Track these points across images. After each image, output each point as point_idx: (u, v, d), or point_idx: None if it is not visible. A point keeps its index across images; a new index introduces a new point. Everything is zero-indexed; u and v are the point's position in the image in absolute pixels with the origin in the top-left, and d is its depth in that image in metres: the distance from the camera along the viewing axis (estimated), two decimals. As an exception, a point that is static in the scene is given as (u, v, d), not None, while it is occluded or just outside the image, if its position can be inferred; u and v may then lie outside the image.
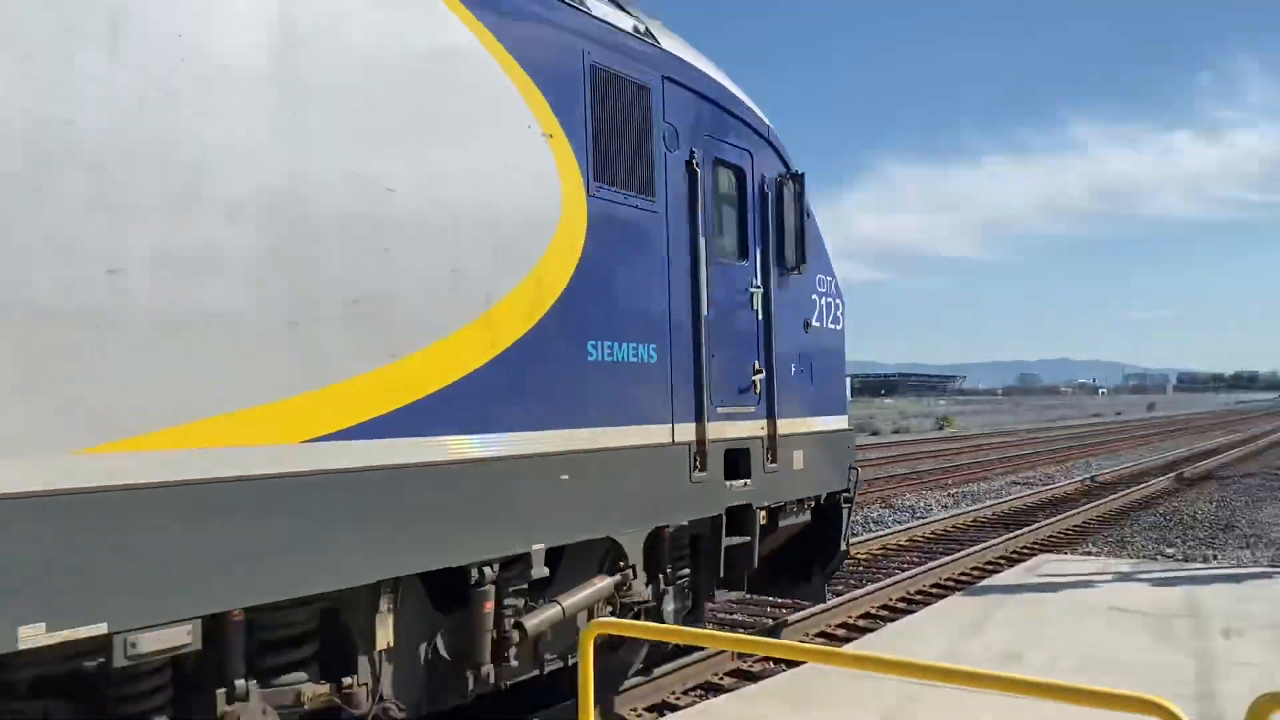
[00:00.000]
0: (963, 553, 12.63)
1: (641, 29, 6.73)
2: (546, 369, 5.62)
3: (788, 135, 8.46)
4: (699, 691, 7.77)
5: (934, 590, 11.34)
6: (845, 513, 8.74)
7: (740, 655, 8.28)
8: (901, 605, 10.64)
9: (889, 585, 11.02)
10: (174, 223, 3.88)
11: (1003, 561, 13.11)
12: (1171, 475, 24.89)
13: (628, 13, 6.72)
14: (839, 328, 9.04)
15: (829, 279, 8.88)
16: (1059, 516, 16.74)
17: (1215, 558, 12.49)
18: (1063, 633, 8.14)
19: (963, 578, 12.05)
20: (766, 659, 8.32)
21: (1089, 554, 13.26)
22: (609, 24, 6.36)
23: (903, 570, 11.98)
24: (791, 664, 7.52)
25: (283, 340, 4.24)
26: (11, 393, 3.41)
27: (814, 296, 8.58)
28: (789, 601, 9.81)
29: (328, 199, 4.45)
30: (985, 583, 10.51)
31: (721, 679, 8.03)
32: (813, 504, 8.41)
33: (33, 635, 3.40)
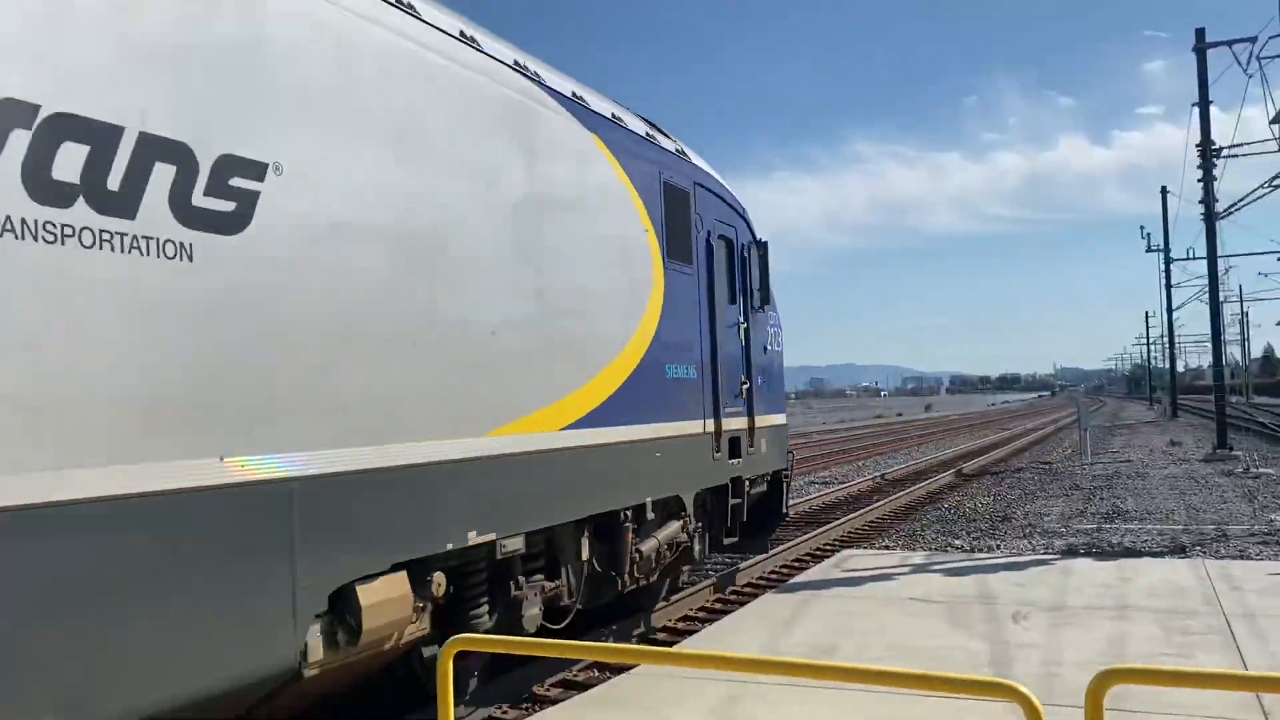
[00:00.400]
0: (772, 552, 13.07)
1: (682, 151, 9.92)
2: (648, 385, 8.46)
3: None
4: (525, 705, 7.71)
5: (748, 589, 11.69)
6: (785, 485, 12.03)
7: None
8: (719, 606, 10.91)
9: (705, 587, 11.29)
10: (517, 305, 6.82)
11: (809, 559, 13.68)
12: (952, 471, 26.68)
13: (673, 140, 9.92)
14: (780, 349, 12.27)
15: (775, 315, 11.99)
16: (856, 513, 17.63)
17: (998, 547, 13.46)
18: (870, 624, 8.57)
19: (774, 576, 12.49)
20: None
21: (887, 548, 14.02)
22: (669, 151, 9.50)
23: (716, 572, 12.29)
24: (620, 668, 7.57)
25: (549, 372, 7.10)
26: (461, 401, 6.11)
27: (769, 328, 11.75)
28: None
29: (562, 285, 7.36)
30: (795, 579, 10.93)
31: (575, 674, 8.08)
32: (769, 478, 11.53)
33: (472, 538, 6.14)
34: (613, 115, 8.53)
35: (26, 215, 3.74)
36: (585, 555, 7.78)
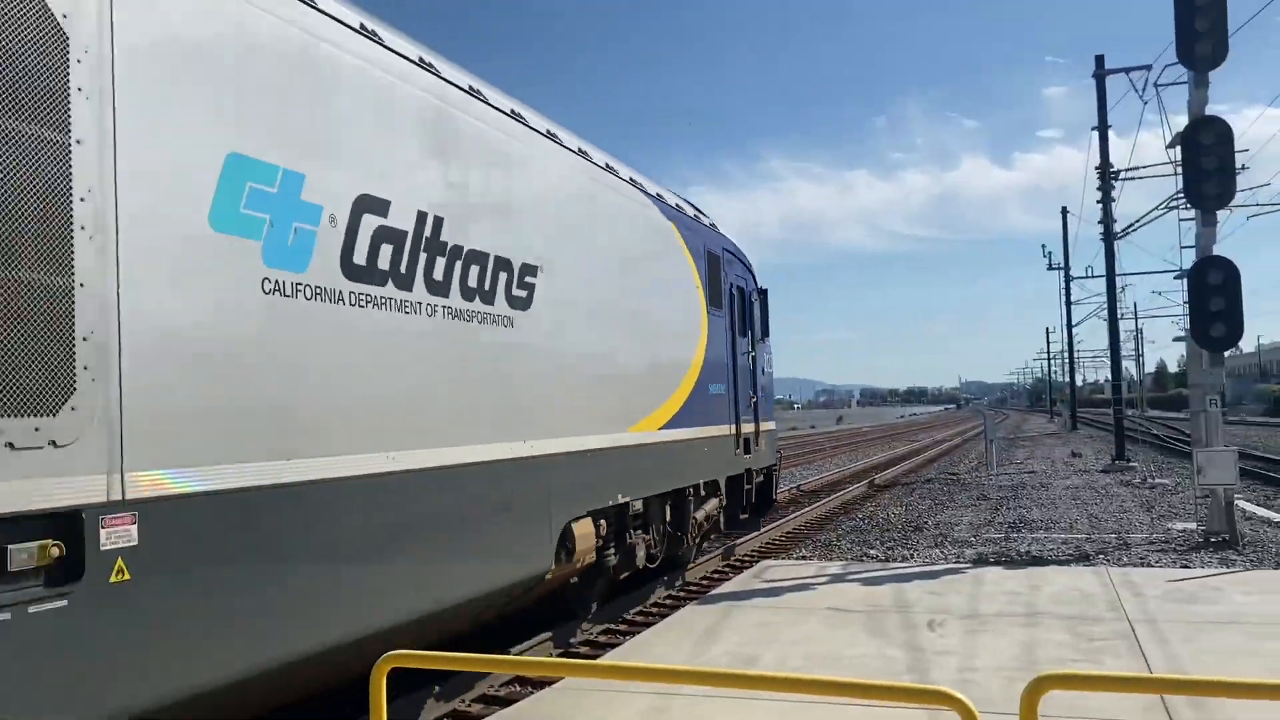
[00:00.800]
0: (692, 564, 13.12)
1: (714, 225, 13.51)
2: (699, 399, 11.66)
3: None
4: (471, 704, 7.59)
5: (668, 602, 11.71)
6: (775, 476, 15.46)
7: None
8: (640, 619, 10.91)
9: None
10: (640, 346, 10.15)
11: (729, 570, 13.76)
12: (865, 483, 27.15)
13: (707, 217, 13.39)
14: (772, 371, 15.97)
15: (769, 344, 15.46)
16: (774, 524, 17.80)
17: (912, 556, 13.73)
18: (791, 633, 8.65)
19: (694, 588, 12.53)
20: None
21: (805, 558, 14.19)
22: (707, 226, 12.96)
23: (637, 588, 12.27)
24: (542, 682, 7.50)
25: (653, 390, 10.33)
26: (616, 409, 9.35)
27: (766, 355, 15.13)
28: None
29: (659, 331, 10.68)
30: (716, 590, 10.99)
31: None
32: (765, 471, 14.76)
33: (619, 498, 9.27)
34: (677, 205, 12.05)
35: (464, 309, 6.98)
36: (667, 518, 11.09)
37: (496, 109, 7.77)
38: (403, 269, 6.28)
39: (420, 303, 6.48)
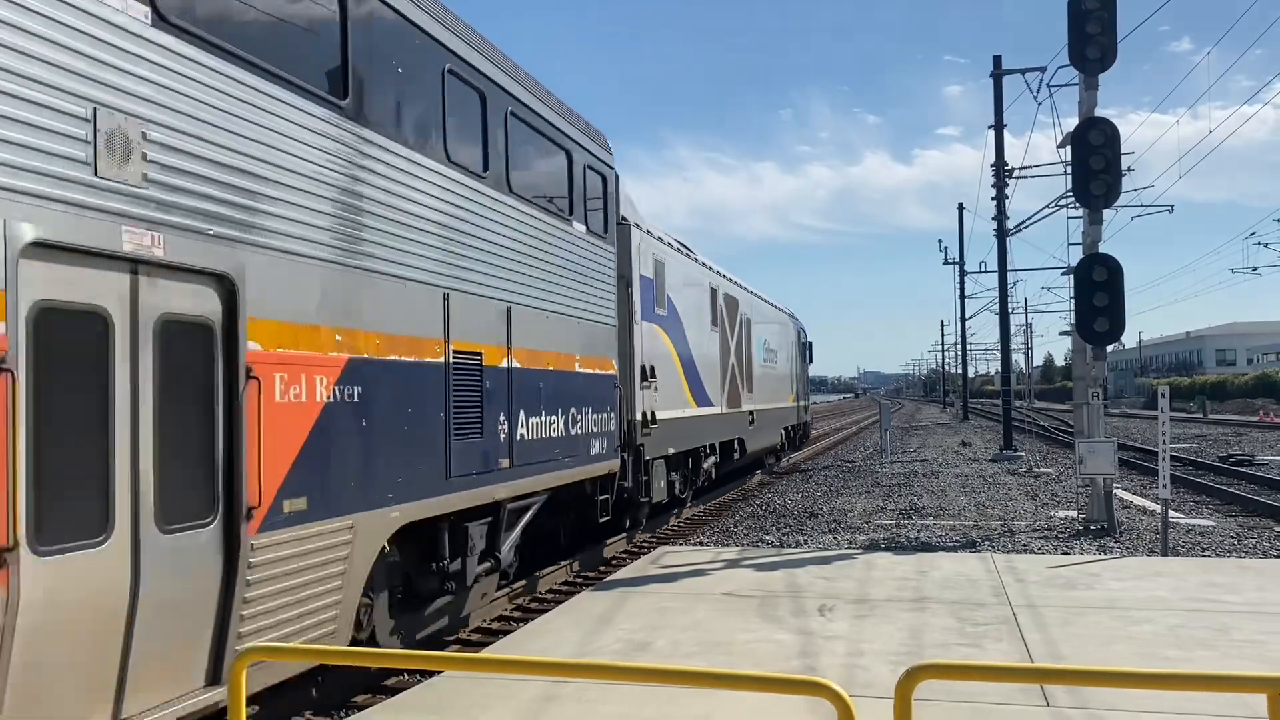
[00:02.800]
0: (591, 550, 13.07)
1: (793, 313, 33.10)
2: (801, 393, 33.28)
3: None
4: (336, 713, 7.39)
5: (564, 588, 11.64)
6: (808, 428, 36.81)
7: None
8: (535, 605, 10.81)
9: (519, 587, 11.16)
10: (784, 378, 29.99)
11: (626, 556, 13.75)
12: (761, 470, 27.50)
13: (796, 318, 33.87)
14: (808, 373, 36.73)
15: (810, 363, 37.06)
16: (673, 511, 17.87)
17: (806, 543, 13.93)
18: (684, 619, 8.67)
19: (591, 574, 12.48)
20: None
21: (701, 544, 14.27)
22: (789, 313, 31.86)
23: (533, 574, 12.17)
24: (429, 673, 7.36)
25: (785, 389, 30.89)
26: (768, 392, 26.19)
27: (808, 367, 36.14)
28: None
29: (784, 369, 30.10)
30: (612, 577, 10.95)
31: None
32: (804, 423, 34.82)
33: (724, 436, 20.63)
34: (791, 312, 30.57)
35: (768, 363, 26.94)
36: (787, 436, 29.69)
37: (738, 284, 22.37)
38: (745, 363, 22.81)
39: (748, 365, 23.26)
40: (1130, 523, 15.31)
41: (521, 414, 9.80)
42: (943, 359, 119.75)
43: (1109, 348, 14.31)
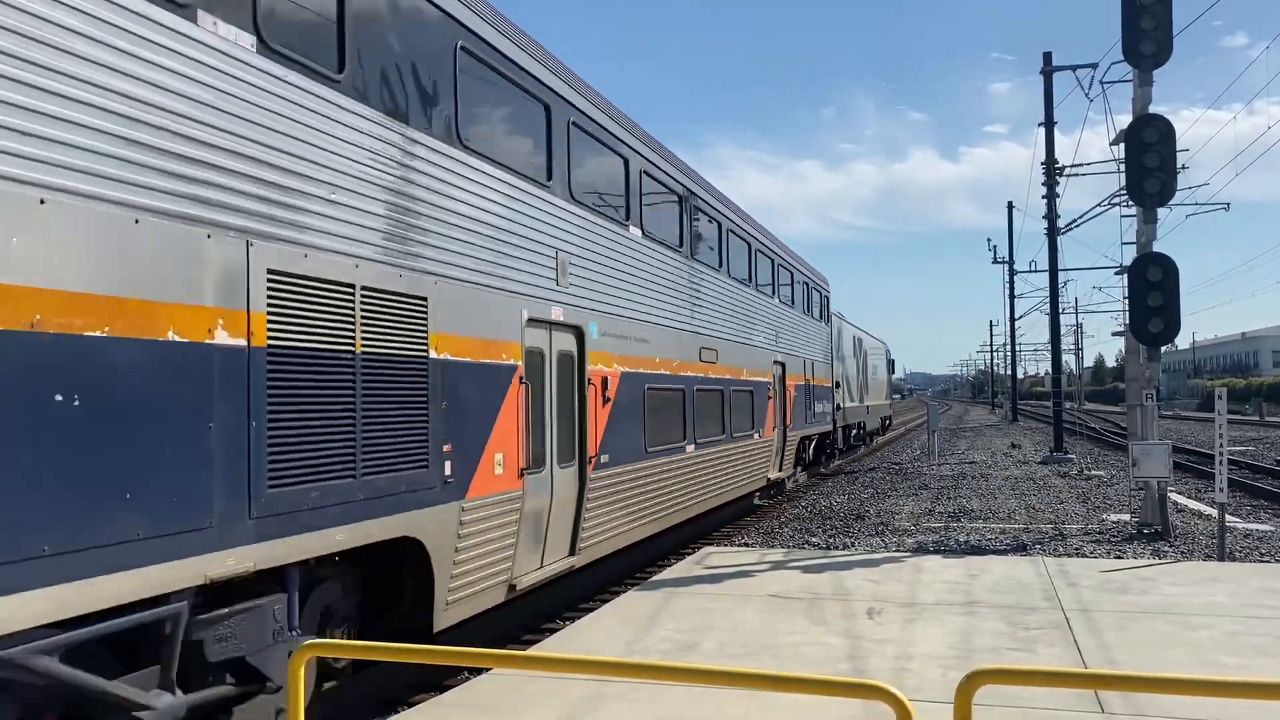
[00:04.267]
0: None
1: (888, 348, 48.60)
2: (875, 388, 42.82)
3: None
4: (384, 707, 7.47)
5: (611, 587, 11.66)
6: (890, 420, 49.95)
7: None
8: (581, 605, 10.85)
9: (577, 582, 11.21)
10: (884, 383, 45.71)
11: (671, 557, 13.75)
12: (806, 471, 27.32)
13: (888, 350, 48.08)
14: (889, 377, 50.41)
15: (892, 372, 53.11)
16: (712, 512, 17.82)
17: (852, 545, 13.83)
18: (729, 621, 8.65)
19: (637, 575, 12.50)
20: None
21: (746, 545, 14.23)
22: (878, 337, 44.03)
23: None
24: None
25: (882, 391, 45.97)
26: (869, 394, 38.17)
27: (891, 374, 52.48)
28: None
29: (881, 378, 43.97)
30: (657, 577, 10.95)
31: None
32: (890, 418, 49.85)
33: (831, 423, 28.75)
34: (883, 339, 44.05)
35: (860, 368, 37.15)
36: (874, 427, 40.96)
37: (862, 330, 37.28)
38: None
39: (867, 378, 38.24)
40: (1185, 527, 15.01)
41: (803, 403, 22.93)
42: (991, 360, 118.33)
43: (1163, 348, 14.05)
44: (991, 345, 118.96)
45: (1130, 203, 15.06)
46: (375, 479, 6.53)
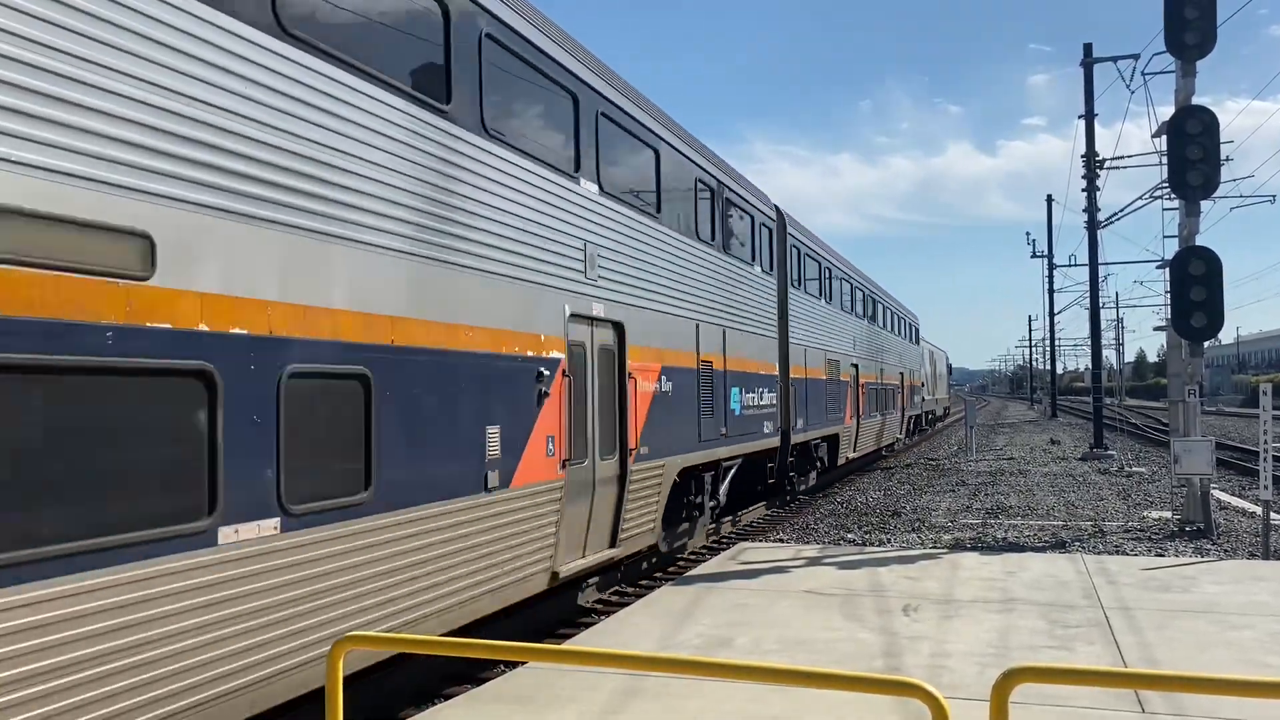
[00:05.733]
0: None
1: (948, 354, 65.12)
2: (938, 384, 56.60)
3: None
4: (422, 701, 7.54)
5: (644, 583, 11.69)
6: (935, 414, 56.26)
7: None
8: (615, 599, 10.88)
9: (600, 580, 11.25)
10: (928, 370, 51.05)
11: (705, 551, 13.75)
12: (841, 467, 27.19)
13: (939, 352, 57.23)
14: (946, 374, 69.09)
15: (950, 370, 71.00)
16: (751, 508, 17.82)
17: (888, 541, 13.76)
18: (765, 616, 8.64)
19: (671, 569, 12.52)
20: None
21: (781, 541, 14.20)
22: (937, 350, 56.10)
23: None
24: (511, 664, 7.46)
25: (935, 383, 54.58)
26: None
27: (950, 376, 74.94)
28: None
29: (928, 369, 48.82)
30: (692, 572, 10.96)
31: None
32: (939, 410, 58.62)
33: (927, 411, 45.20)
34: (944, 349, 55.33)
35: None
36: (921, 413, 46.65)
37: (932, 344, 51.14)
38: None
39: (936, 377, 52.12)
40: (1228, 525, 14.79)
41: (911, 396, 39.16)
42: (1030, 354, 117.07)
43: (1205, 343, 13.84)
44: (1030, 340, 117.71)
45: (1172, 196, 14.84)
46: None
